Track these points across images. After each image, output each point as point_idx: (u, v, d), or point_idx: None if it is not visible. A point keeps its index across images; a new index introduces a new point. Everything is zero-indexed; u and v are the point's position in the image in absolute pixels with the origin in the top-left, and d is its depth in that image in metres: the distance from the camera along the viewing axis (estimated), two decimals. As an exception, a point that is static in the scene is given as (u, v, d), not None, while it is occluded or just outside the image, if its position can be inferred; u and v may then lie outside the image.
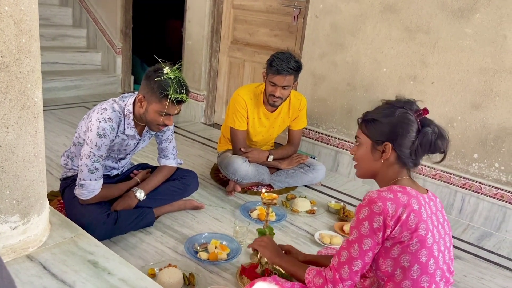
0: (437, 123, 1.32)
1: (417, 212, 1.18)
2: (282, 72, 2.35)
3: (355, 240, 1.21)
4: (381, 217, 1.17)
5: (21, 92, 1.17)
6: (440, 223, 1.26)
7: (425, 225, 1.19)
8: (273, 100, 2.46)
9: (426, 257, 1.18)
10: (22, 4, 1.13)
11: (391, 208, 1.17)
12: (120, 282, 1.24)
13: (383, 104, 1.35)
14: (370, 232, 1.19)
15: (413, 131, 1.27)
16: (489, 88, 2.40)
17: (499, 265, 2.18)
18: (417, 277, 1.19)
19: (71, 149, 2.06)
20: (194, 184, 2.30)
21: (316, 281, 1.29)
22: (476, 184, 2.52)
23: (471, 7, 2.38)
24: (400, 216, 1.17)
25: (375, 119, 1.32)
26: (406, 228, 1.17)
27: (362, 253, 1.21)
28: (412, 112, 1.29)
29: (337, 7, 2.88)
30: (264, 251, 1.59)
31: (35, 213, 1.30)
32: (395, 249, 1.20)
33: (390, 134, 1.28)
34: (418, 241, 1.17)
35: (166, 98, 1.80)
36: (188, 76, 4.02)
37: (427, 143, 1.27)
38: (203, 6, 3.73)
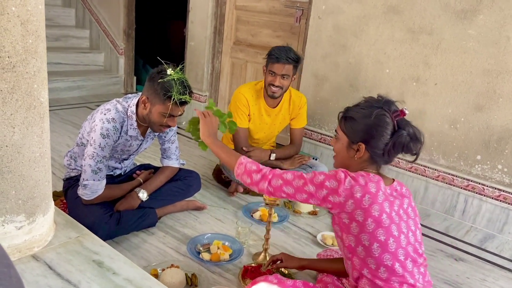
0: (414, 125, 1.36)
1: (373, 194, 1.27)
2: (281, 60, 2.37)
3: (305, 179, 1.32)
4: (336, 183, 1.28)
5: (28, 92, 1.18)
6: (402, 208, 1.33)
7: (379, 207, 1.26)
8: (272, 91, 2.45)
9: (385, 236, 1.26)
10: (29, 4, 1.14)
11: (348, 183, 1.27)
12: (125, 282, 1.24)
13: (363, 102, 1.40)
14: (319, 184, 1.29)
15: (387, 133, 1.32)
16: (492, 90, 2.40)
17: (502, 267, 2.18)
18: (379, 255, 1.27)
19: (74, 150, 2.07)
20: (196, 185, 2.31)
21: (249, 166, 1.40)
22: (479, 186, 2.52)
23: (474, 8, 2.38)
24: (353, 193, 1.26)
25: (353, 118, 1.37)
26: (359, 207, 1.26)
27: (300, 188, 1.31)
28: (390, 113, 1.33)
29: (340, 8, 2.89)
30: (203, 125, 1.58)
31: (40, 213, 1.30)
32: (353, 226, 1.29)
33: (365, 135, 1.34)
34: (373, 221, 1.26)
35: (169, 99, 1.81)
36: (190, 76, 4.02)
37: (400, 145, 1.32)
38: (206, 7, 3.73)
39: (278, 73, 2.39)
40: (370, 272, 1.29)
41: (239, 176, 1.42)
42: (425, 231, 2.45)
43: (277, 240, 2.13)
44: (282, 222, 2.32)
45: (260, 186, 1.36)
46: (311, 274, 1.87)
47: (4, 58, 1.11)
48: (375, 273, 1.28)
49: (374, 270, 1.28)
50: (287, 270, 1.84)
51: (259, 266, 1.81)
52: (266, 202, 1.88)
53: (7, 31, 1.10)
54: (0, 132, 1.15)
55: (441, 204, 2.67)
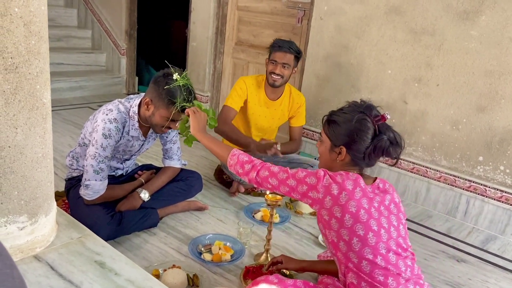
0: (395, 130, 1.40)
1: (350, 191, 1.32)
2: (283, 48, 2.44)
3: (289, 173, 1.39)
4: (315, 180, 1.35)
5: (30, 93, 1.18)
6: (383, 204, 1.37)
7: (356, 203, 1.31)
8: (273, 79, 2.49)
9: (363, 231, 1.30)
10: (31, 5, 1.14)
11: (326, 180, 1.34)
12: (127, 283, 1.24)
13: (347, 106, 1.45)
14: (300, 179, 1.37)
15: (368, 137, 1.37)
16: (494, 91, 2.39)
17: (504, 268, 2.17)
18: (359, 249, 1.31)
19: (76, 150, 2.07)
20: (198, 185, 2.31)
21: (241, 157, 1.48)
22: (481, 187, 2.51)
23: (477, 9, 2.38)
24: (331, 190, 1.32)
25: (336, 122, 1.43)
26: (337, 203, 1.32)
27: (283, 181, 1.39)
28: (371, 117, 1.38)
29: (342, 9, 2.89)
30: (194, 120, 1.64)
31: (42, 213, 1.30)
32: (333, 222, 1.34)
33: (346, 139, 1.40)
34: (351, 216, 1.30)
35: (173, 105, 1.81)
36: (192, 77, 4.03)
37: (380, 149, 1.37)
38: (208, 7, 3.74)
39: (279, 61, 2.45)
40: (354, 265, 1.33)
41: (232, 167, 1.50)
42: (427, 232, 2.45)
43: (279, 241, 2.13)
44: (283, 222, 2.32)
45: (250, 175, 1.44)
46: (313, 275, 1.87)
47: (7, 59, 1.11)
48: (359, 266, 1.32)
49: (357, 263, 1.32)
50: (288, 271, 1.83)
51: (260, 267, 1.81)
52: (268, 203, 1.88)
53: (10, 32, 1.10)
54: (3, 133, 1.15)
55: (443, 205, 2.67)
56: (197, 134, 1.62)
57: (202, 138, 1.61)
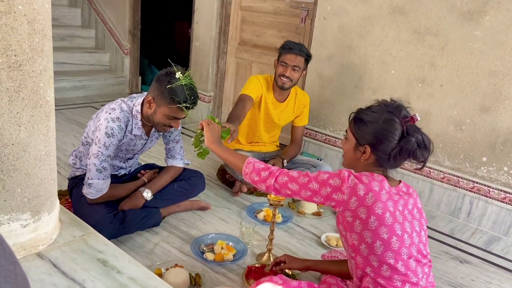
0: (424, 133, 1.35)
1: (376, 192, 1.28)
2: (294, 51, 2.42)
3: (310, 177, 1.36)
4: (339, 181, 1.31)
5: (34, 91, 1.18)
6: (407, 208, 1.34)
7: (383, 205, 1.27)
8: (283, 82, 2.48)
9: (387, 234, 1.27)
10: (35, 3, 1.14)
11: (352, 181, 1.30)
12: (129, 281, 1.24)
13: (375, 105, 1.41)
14: (323, 182, 1.33)
15: (394, 139, 1.32)
16: (498, 91, 2.38)
17: (507, 269, 2.16)
18: (381, 253, 1.28)
19: (79, 149, 2.07)
20: (200, 185, 2.31)
21: (257, 165, 1.45)
22: (485, 188, 2.50)
23: (481, 9, 2.37)
24: (357, 191, 1.28)
25: (363, 120, 1.38)
26: (363, 204, 1.28)
27: (304, 185, 1.35)
28: (399, 118, 1.33)
29: (345, 9, 2.88)
30: (207, 132, 1.62)
31: (45, 211, 1.30)
32: (356, 224, 1.30)
33: (371, 139, 1.35)
34: (376, 219, 1.27)
35: (175, 103, 1.81)
36: (195, 77, 4.02)
37: (407, 151, 1.32)
38: (211, 7, 3.74)
39: (290, 63, 2.44)
40: (373, 270, 1.30)
41: (247, 175, 1.46)
42: (430, 233, 2.44)
43: (281, 241, 2.12)
44: (286, 222, 2.31)
45: (267, 182, 1.40)
46: (316, 275, 1.87)
47: (10, 56, 1.11)
48: (378, 271, 1.29)
49: (376, 268, 1.29)
50: (291, 271, 1.83)
51: (263, 267, 1.81)
52: (270, 203, 1.87)
53: (13, 29, 1.10)
54: (6, 130, 1.15)
55: (446, 206, 2.66)
56: (211, 145, 1.60)
57: (216, 148, 1.59)
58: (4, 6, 1.07)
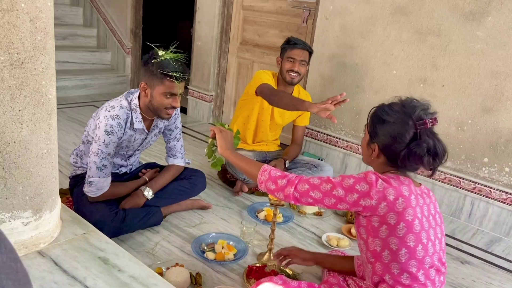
0: (439, 139, 1.28)
1: (406, 198, 1.22)
2: (299, 45, 2.47)
3: (334, 183, 1.27)
4: (367, 186, 1.23)
5: (36, 89, 1.18)
6: (431, 214, 1.29)
7: (413, 211, 1.22)
8: (291, 77, 2.50)
9: (414, 242, 1.22)
10: (38, 1, 1.15)
11: (381, 185, 1.22)
12: (130, 279, 1.24)
13: (395, 102, 1.35)
14: (349, 188, 1.24)
15: (403, 141, 1.26)
16: (500, 92, 2.38)
17: (508, 270, 2.16)
18: (405, 261, 1.23)
19: (80, 147, 2.08)
20: (201, 184, 2.31)
21: (273, 173, 1.36)
22: (486, 189, 2.50)
23: (483, 10, 2.37)
24: (386, 195, 1.21)
25: (378, 117, 1.34)
26: (393, 210, 1.21)
27: (328, 193, 1.27)
28: (413, 120, 1.26)
29: (347, 9, 2.88)
30: (220, 139, 1.56)
31: (47, 209, 1.31)
32: (382, 229, 1.24)
33: (381, 136, 1.31)
34: (405, 225, 1.21)
35: (166, 76, 1.81)
36: (196, 76, 4.03)
37: (415, 156, 1.25)
38: (213, 7, 3.74)
39: (297, 58, 2.48)
40: (392, 277, 1.25)
41: (263, 183, 1.37)
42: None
43: (282, 241, 2.12)
44: (287, 222, 2.31)
45: (286, 191, 1.31)
46: (317, 275, 1.87)
47: (13, 54, 1.11)
48: (397, 279, 1.24)
49: (396, 275, 1.24)
50: (292, 271, 1.83)
51: (263, 266, 1.81)
52: (271, 202, 1.87)
53: (16, 27, 1.10)
54: (8, 128, 1.15)
55: (447, 206, 2.66)
56: (225, 152, 1.54)
57: (231, 156, 1.52)
58: (7, 3, 1.08)
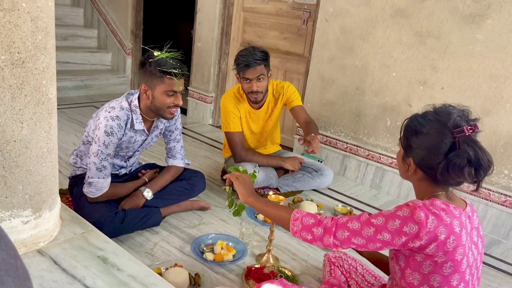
0: (483, 148, 1.13)
1: (458, 235, 1.10)
2: (251, 65, 2.32)
3: (376, 226, 1.13)
4: (416, 226, 1.09)
5: (36, 88, 1.19)
6: (474, 243, 1.17)
7: (463, 250, 1.11)
8: (254, 97, 2.43)
9: (457, 281, 1.13)
10: (39, 1, 1.15)
11: (431, 223, 1.09)
12: (129, 279, 1.25)
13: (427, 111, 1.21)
14: (395, 230, 1.11)
15: (439, 152, 1.12)
16: (499, 95, 2.39)
17: (507, 273, 2.16)
18: None
19: (80, 148, 2.08)
20: (201, 185, 2.31)
21: (306, 220, 1.24)
22: (485, 191, 2.50)
23: (483, 13, 2.38)
24: (438, 235, 1.09)
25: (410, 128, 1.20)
26: (443, 249, 1.10)
27: (372, 238, 1.14)
28: (451, 128, 1.12)
29: (347, 11, 2.89)
30: (239, 186, 1.46)
31: (46, 208, 1.31)
32: (426, 264, 1.13)
33: (415, 151, 1.18)
34: (453, 265, 1.11)
35: (166, 74, 1.81)
36: (197, 77, 4.04)
37: (455, 167, 1.11)
38: (214, 8, 3.75)
39: (252, 77, 2.36)
40: None
41: (297, 234, 1.26)
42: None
43: (281, 242, 2.12)
44: (286, 223, 2.31)
45: (325, 241, 1.20)
46: (315, 277, 1.87)
47: (14, 53, 1.12)
48: None
49: None
50: (291, 272, 1.83)
51: (262, 267, 1.81)
52: (271, 203, 1.87)
53: (17, 27, 1.11)
54: (9, 127, 1.16)
55: (446, 208, 2.65)
56: (248, 200, 1.43)
57: (255, 202, 1.42)
58: (8, 3, 1.08)
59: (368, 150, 2.94)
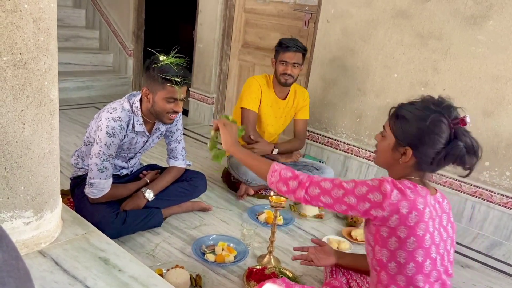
0: (473, 137, 1.21)
1: (420, 211, 1.17)
2: (292, 48, 2.48)
3: (346, 189, 1.22)
4: (381, 196, 1.17)
5: (38, 89, 1.19)
6: (442, 226, 1.25)
7: (425, 226, 1.18)
8: (285, 79, 2.53)
9: (423, 257, 1.19)
10: (41, 2, 1.15)
11: (395, 197, 1.16)
12: (131, 280, 1.25)
13: (420, 101, 1.26)
14: (361, 196, 1.19)
15: (441, 142, 1.19)
16: (501, 96, 2.38)
17: (509, 274, 2.16)
18: (412, 275, 1.20)
19: (81, 149, 2.08)
20: (202, 186, 2.31)
21: (284, 173, 1.31)
22: (487, 193, 2.50)
23: (484, 14, 2.37)
24: (400, 208, 1.16)
25: (406, 118, 1.24)
26: (405, 223, 1.17)
27: (339, 199, 1.22)
28: (448, 120, 1.19)
29: (349, 12, 2.89)
30: (224, 134, 1.48)
31: (48, 209, 1.31)
32: (391, 241, 1.20)
33: (415, 140, 1.22)
34: (416, 240, 1.17)
35: (168, 82, 1.81)
36: (198, 78, 4.04)
37: (453, 156, 1.19)
38: (215, 9, 3.75)
39: (289, 61, 2.49)
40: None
41: (273, 184, 1.32)
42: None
43: (282, 243, 2.12)
44: (287, 225, 2.31)
45: (297, 194, 1.28)
46: (317, 278, 1.87)
47: (16, 55, 1.12)
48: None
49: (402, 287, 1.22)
50: (292, 273, 1.83)
51: (263, 268, 1.81)
52: (272, 205, 1.88)
53: (19, 28, 1.11)
54: (11, 128, 1.16)
55: (448, 210, 2.65)
56: (230, 148, 1.45)
57: (237, 152, 1.44)
58: (10, 4, 1.08)
59: (369, 152, 2.94)
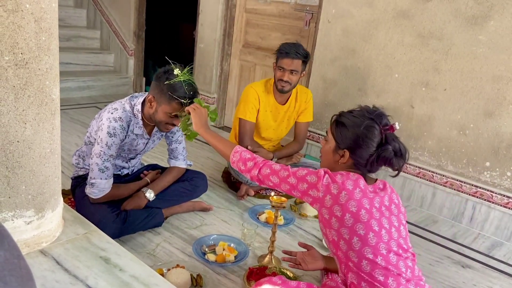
0: (401, 142, 1.39)
1: (350, 191, 1.33)
2: (290, 55, 2.41)
3: (290, 171, 1.41)
4: (315, 178, 1.37)
5: (40, 89, 1.19)
6: (384, 205, 1.37)
7: (356, 203, 1.32)
8: (282, 85, 2.48)
9: (364, 231, 1.31)
10: (42, 2, 1.16)
11: (326, 180, 1.36)
12: (132, 279, 1.25)
13: (357, 110, 1.44)
14: (300, 177, 1.39)
15: (373, 145, 1.37)
16: (502, 96, 2.38)
17: (510, 275, 2.15)
18: (359, 249, 1.32)
19: (82, 149, 2.08)
20: (203, 186, 2.31)
21: (244, 154, 1.51)
22: (488, 193, 2.50)
23: (485, 14, 2.37)
24: (331, 189, 1.34)
25: (344, 124, 1.42)
26: (337, 202, 1.33)
27: (284, 179, 1.41)
28: (380, 126, 1.37)
29: (350, 12, 2.89)
30: (195, 117, 1.66)
31: (49, 208, 1.31)
32: (333, 221, 1.35)
33: (351, 143, 1.40)
34: (351, 216, 1.31)
35: (175, 100, 1.82)
36: (199, 78, 4.04)
37: (383, 159, 1.37)
38: (216, 9, 3.75)
39: (287, 68, 2.43)
40: (354, 265, 1.33)
41: (235, 164, 1.52)
42: (432, 237, 2.43)
43: (283, 243, 2.12)
44: (288, 225, 2.31)
45: (251, 173, 1.46)
46: (317, 278, 1.87)
47: (17, 54, 1.12)
48: (359, 266, 1.32)
49: (357, 263, 1.33)
50: (293, 273, 1.83)
51: (264, 268, 1.81)
52: (273, 205, 1.88)
53: (21, 28, 1.11)
54: (12, 127, 1.16)
55: (449, 210, 2.65)
56: (199, 130, 1.64)
57: (204, 133, 1.63)
58: (12, 4, 1.09)
59: (370, 152, 2.93)
